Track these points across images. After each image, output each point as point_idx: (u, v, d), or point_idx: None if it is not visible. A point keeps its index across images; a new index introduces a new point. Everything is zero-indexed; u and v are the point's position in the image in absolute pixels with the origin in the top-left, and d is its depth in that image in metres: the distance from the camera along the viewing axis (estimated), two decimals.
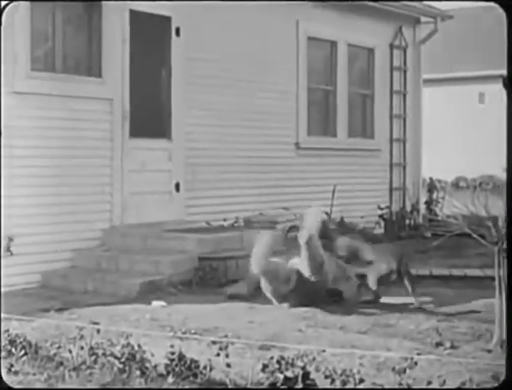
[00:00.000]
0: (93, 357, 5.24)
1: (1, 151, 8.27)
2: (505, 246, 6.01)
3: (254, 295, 7.91)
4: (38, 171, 8.87)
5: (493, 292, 6.09)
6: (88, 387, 4.94)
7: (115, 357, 5.13)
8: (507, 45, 5.65)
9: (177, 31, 10.47)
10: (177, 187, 10.50)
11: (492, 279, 6.15)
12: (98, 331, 5.80)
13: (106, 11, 9.59)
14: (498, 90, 26.02)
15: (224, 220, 10.74)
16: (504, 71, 23.91)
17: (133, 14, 9.92)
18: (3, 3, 7.31)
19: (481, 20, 28.50)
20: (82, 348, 5.35)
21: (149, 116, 10.36)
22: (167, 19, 10.38)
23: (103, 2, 9.55)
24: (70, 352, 5.35)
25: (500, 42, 28.18)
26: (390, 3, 13.59)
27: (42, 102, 8.94)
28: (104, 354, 5.22)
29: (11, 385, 4.91)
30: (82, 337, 5.55)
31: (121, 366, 5.07)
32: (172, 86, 10.46)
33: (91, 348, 5.32)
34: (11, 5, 7.64)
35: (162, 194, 10.32)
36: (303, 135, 12.53)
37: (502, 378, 4.85)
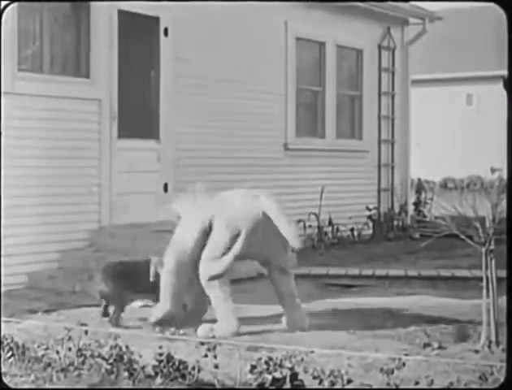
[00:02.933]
0: (80, 359, 5.23)
1: (1, 151, 8.26)
2: (492, 247, 6.03)
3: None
4: (25, 172, 8.84)
5: (481, 292, 6.11)
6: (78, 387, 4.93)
7: (103, 359, 5.12)
8: (507, 45, 5.66)
9: (165, 31, 10.46)
10: (165, 188, 10.49)
11: (480, 279, 6.17)
12: (86, 332, 5.79)
13: (94, 12, 9.57)
14: (486, 91, 26.11)
15: None
16: (491, 73, 23.89)
17: (121, 14, 9.90)
18: (3, 3, 7.29)
19: (469, 22, 28.59)
20: (70, 349, 5.34)
21: (138, 117, 10.34)
22: (156, 20, 10.37)
23: (91, 3, 9.53)
24: (57, 353, 5.34)
25: (488, 44, 28.33)
26: (378, 4, 13.62)
27: (30, 103, 8.91)
28: (92, 355, 5.21)
29: None
30: (70, 338, 5.53)
31: (109, 367, 5.06)
32: (161, 87, 10.45)
33: (79, 349, 5.30)
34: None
35: (151, 195, 10.31)
36: (292, 136, 12.54)
37: (490, 378, 4.86)
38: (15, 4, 8.62)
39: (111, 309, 6.96)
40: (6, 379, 5.05)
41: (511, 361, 4.81)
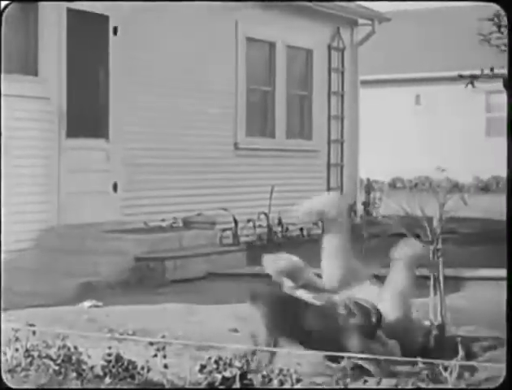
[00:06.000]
0: (28, 359, 5.18)
1: (1, 151, 8.18)
2: (439, 246, 6.11)
3: None
4: None
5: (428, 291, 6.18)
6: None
7: (51, 359, 5.08)
8: (508, 45, 5.74)
9: (115, 30, 10.40)
10: (115, 187, 10.43)
11: (428, 278, 6.24)
12: (34, 332, 5.74)
13: (42, 10, 9.48)
14: (434, 92, 26.40)
15: (162, 221, 10.71)
16: (439, 74, 24.10)
17: (71, 12, 9.83)
18: (3, 3, 7.21)
19: (418, 23, 28.87)
20: (17, 350, 5.28)
21: (87, 116, 10.27)
22: (105, 18, 10.31)
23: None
24: (5, 354, 5.28)
25: (437, 44, 28.53)
26: (328, 5, 13.70)
27: None
28: (40, 356, 5.16)
29: None
30: (17, 339, 5.48)
31: (57, 367, 5.02)
32: (110, 86, 10.39)
33: (26, 350, 5.25)
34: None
35: (100, 194, 10.25)
36: (242, 135, 12.56)
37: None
38: None
39: None
40: None
41: (511, 361, 4.83)
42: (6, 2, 7.34)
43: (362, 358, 5.01)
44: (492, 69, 13.44)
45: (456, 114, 26.11)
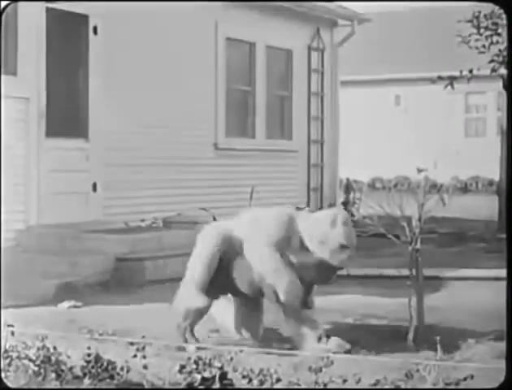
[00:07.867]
0: (7, 361, 5.15)
1: (1, 151, 8.14)
2: (418, 246, 6.14)
3: None
4: None
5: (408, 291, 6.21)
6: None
7: (30, 360, 5.06)
8: (508, 46, 5.78)
9: (95, 29, 10.38)
10: (94, 187, 10.41)
11: (407, 278, 6.27)
12: (13, 333, 5.71)
13: (21, 9, 9.44)
14: (413, 92, 26.52)
15: (142, 221, 10.69)
16: (418, 74, 24.23)
17: (50, 11, 9.79)
18: (3, 3, 7.17)
19: (397, 24, 28.98)
20: None
21: (67, 116, 10.24)
22: (85, 18, 10.28)
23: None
24: None
25: (416, 45, 28.62)
26: (308, 5, 13.72)
27: None
28: (18, 357, 5.14)
29: None
30: None
31: (36, 368, 5.00)
32: (90, 85, 10.37)
33: (5, 351, 5.23)
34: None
35: (80, 194, 10.22)
36: (222, 136, 12.56)
37: (416, 375, 4.94)
38: None
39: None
40: None
41: (511, 360, 4.84)
42: (6, 2, 7.32)
43: None
44: (470, 70, 13.53)
45: (435, 114, 26.23)
